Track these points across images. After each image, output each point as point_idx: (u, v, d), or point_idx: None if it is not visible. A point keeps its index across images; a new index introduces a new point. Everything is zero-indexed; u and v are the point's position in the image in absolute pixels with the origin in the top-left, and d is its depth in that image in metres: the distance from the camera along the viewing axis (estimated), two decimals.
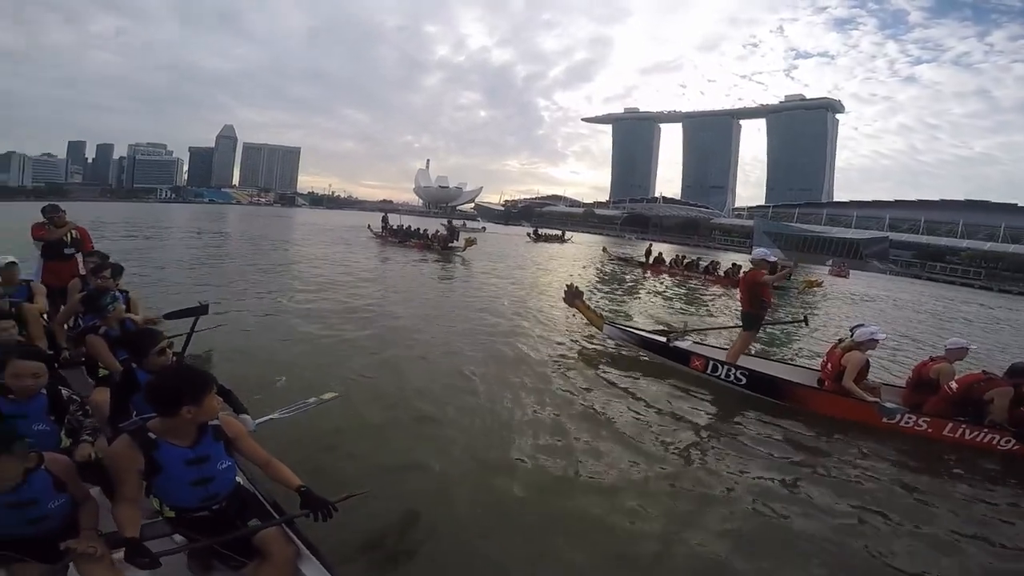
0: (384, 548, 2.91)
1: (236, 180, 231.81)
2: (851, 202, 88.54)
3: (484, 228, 42.99)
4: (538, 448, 4.21)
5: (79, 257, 5.63)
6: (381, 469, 3.63)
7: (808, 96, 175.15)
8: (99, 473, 2.43)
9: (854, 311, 16.88)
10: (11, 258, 4.67)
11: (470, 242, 22.69)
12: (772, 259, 6.71)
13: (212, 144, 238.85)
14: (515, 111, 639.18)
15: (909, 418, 5.05)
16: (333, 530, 2.35)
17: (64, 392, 2.67)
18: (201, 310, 5.11)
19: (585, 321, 7.56)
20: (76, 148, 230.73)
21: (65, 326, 4.67)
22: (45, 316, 4.50)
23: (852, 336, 5.47)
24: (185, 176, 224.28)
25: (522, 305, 10.84)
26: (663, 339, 6.68)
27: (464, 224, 48.15)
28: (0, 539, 1.98)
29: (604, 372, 6.38)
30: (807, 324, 8.67)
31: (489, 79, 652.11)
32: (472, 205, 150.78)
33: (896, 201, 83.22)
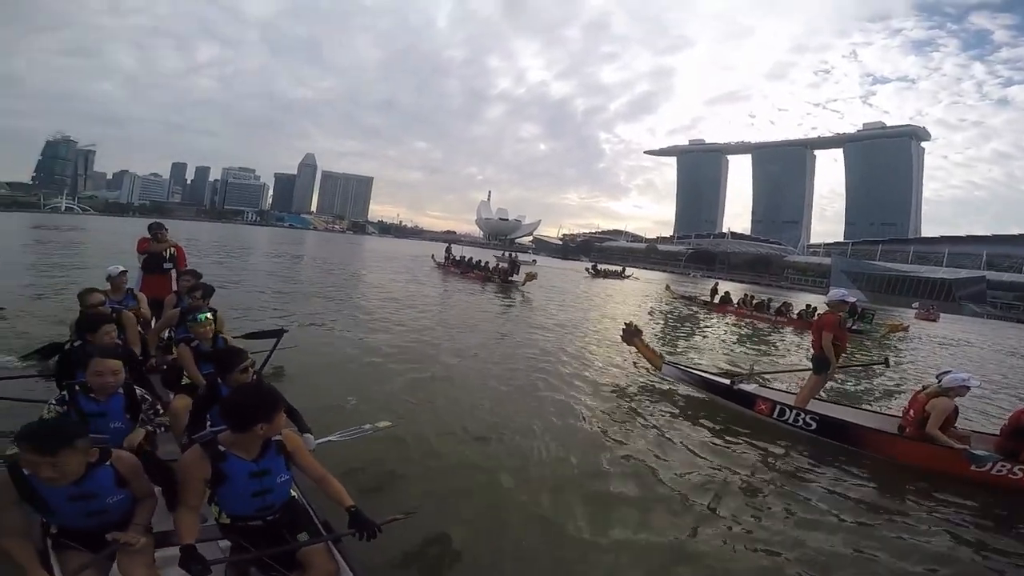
0: (421, 571, 2.93)
1: (314, 206, 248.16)
2: (942, 237, 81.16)
3: (535, 261, 43.51)
4: (588, 491, 4.10)
5: (173, 273, 6.11)
6: (428, 494, 3.67)
7: (889, 123, 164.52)
8: (161, 474, 2.57)
9: (943, 356, 15.44)
10: (122, 268, 5.18)
11: (530, 276, 22.41)
12: (851, 300, 6.34)
13: (295, 171, 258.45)
14: (575, 144, 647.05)
15: (1003, 466, 4.55)
16: (376, 552, 2.41)
17: (139, 392, 2.83)
18: (279, 333, 5.51)
19: (644, 360, 7.33)
20: (178, 169, 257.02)
21: (159, 337, 5.17)
22: (140, 324, 4.86)
23: (939, 383, 5.06)
24: (269, 200, 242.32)
25: (581, 342, 10.75)
26: (727, 381, 6.42)
27: (515, 256, 47.95)
28: (61, 528, 2.08)
29: (661, 413, 6.18)
30: (888, 365, 8.08)
31: (549, 111, 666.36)
32: (530, 238, 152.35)
33: (994, 236, 75.31)
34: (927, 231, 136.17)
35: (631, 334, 7.08)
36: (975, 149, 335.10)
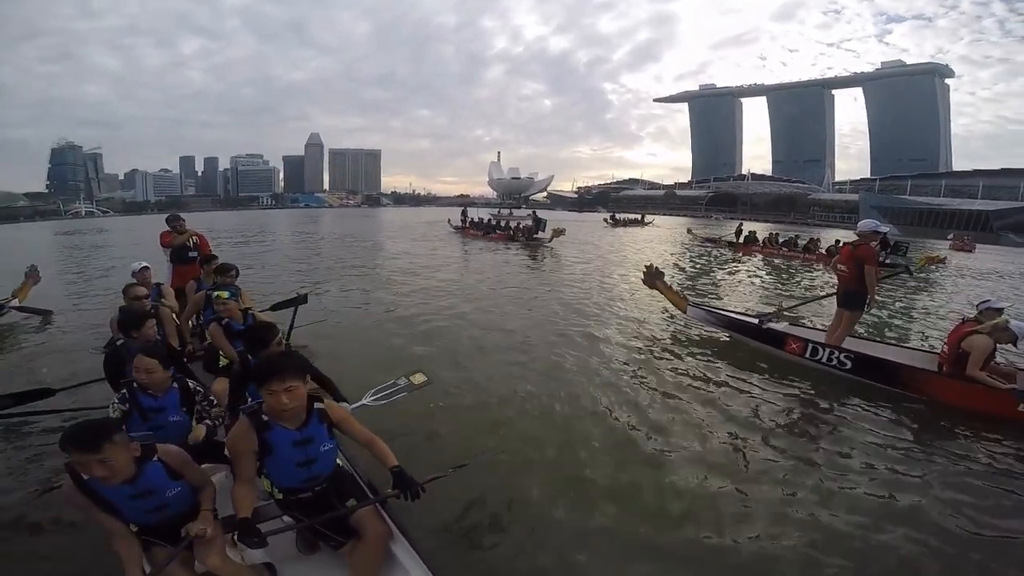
0: (463, 530, 2.98)
1: (326, 184, 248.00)
2: (975, 171, 76.85)
3: (533, 212, 43.37)
4: (616, 435, 4.15)
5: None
6: (466, 453, 3.60)
7: (909, 61, 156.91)
8: (222, 455, 2.71)
9: (982, 288, 14.85)
10: (144, 263, 5.35)
11: (557, 232, 21.15)
12: (884, 230, 6.02)
13: (302, 152, 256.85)
14: (580, 97, 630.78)
15: None
16: (424, 513, 2.48)
17: (191, 384, 2.95)
18: (301, 300, 5.56)
19: (668, 303, 7.20)
20: (187, 162, 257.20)
21: (190, 323, 5.26)
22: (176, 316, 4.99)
23: (978, 312, 4.86)
24: (281, 183, 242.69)
25: (607, 291, 10.66)
26: (755, 320, 6.26)
27: (511, 212, 45.10)
28: (139, 527, 2.14)
29: (689, 358, 6.11)
30: (911, 273, 7.81)
31: (550, 68, 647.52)
32: (544, 194, 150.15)
33: None
34: (959, 165, 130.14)
35: (653, 276, 6.91)
36: (1004, 84, 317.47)
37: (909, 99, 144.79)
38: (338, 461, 2.52)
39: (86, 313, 8.36)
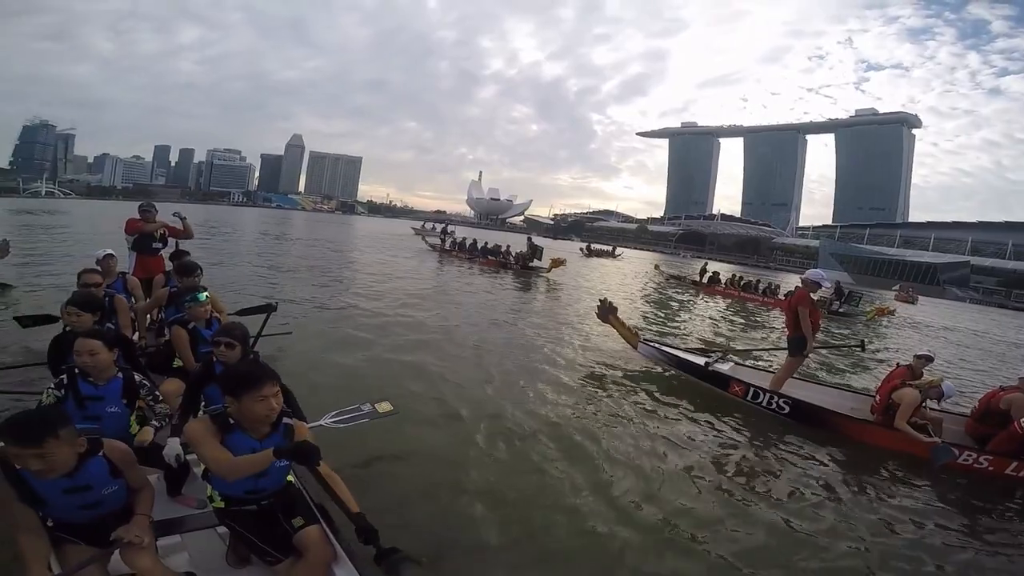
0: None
1: (302, 186, 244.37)
2: (928, 223, 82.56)
3: (530, 238, 43.29)
4: (553, 483, 4.02)
5: (164, 254, 6.10)
6: (423, 492, 3.55)
7: (881, 110, 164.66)
8: (161, 459, 2.62)
9: (924, 341, 15.73)
10: (109, 250, 5.05)
11: (557, 262, 18.99)
12: (827, 284, 6.41)
13: (282, 152, 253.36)
14: (567, 125, 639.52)
15: (969, 455, 4.76)
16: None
17: (137, 377, 2.81)
18: (270, 308, 5.45)
19: (620, 338, 7.28)
20: (161, 152, 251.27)
21: (148, 317, 5.11)
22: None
23: (914, 360, 5.36)
24: (256, 181, 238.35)
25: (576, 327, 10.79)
26: (701, 361, 6.50)
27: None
28: (57, 522, 2.03)
29: (636, 395, 6.20)
30: (863, 348, 8.18)
31: (541, 92, 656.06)
32: (522, 218, 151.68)
33: (980, 223, 77.07)
34: (914, 216, 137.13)
35: (606, 311, 7.03)
36: (965, 137, 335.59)
37: (876, 147, 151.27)
38: (289, 478, 2.45)
39: (38, 295, 7.98)
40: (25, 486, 1.89)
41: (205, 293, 3.88)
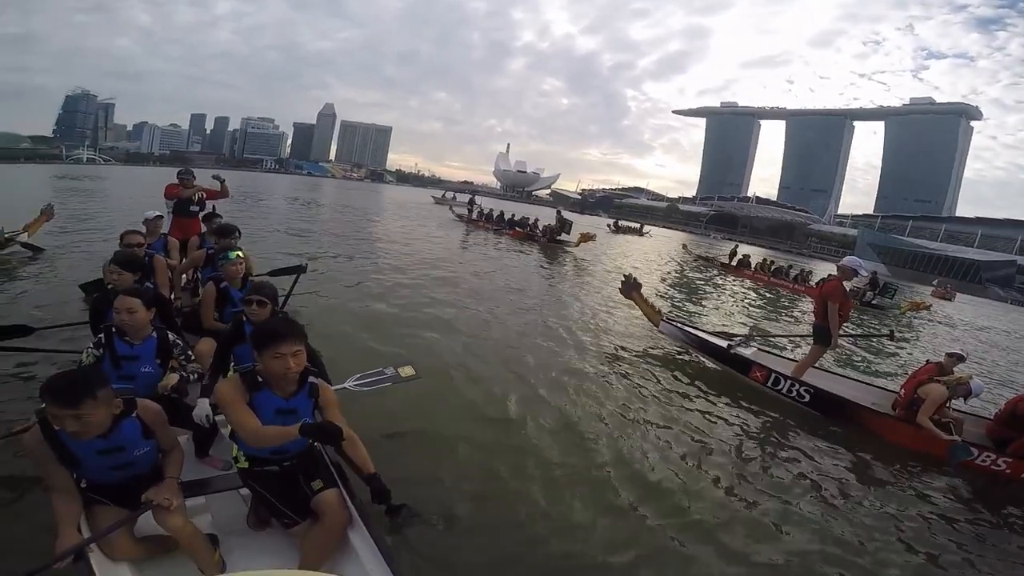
0: (429, 527, 2.86)
1: (332, 155, 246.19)
2: (977, 219, 77.93)
3: (559, 211, 42.06)
4: (564, 451, 4.05)
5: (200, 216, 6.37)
6: (443, 457, 3.58)
7: (938, 100, 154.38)
8: (189, 420, 2.69)
9: (959, 339, 15.15)
10: (157, 212, 5.39)
11: (586, 237, 18.70)
12: (864, 272, 6.17)
13: (314, 121, 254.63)
14: (599, 100, 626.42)
15: (987, 456, 4.61)
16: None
17: (171, 336, 2.87)
18: (301, 269, 5.58)
19: (642, 315, 7.21)
20: (197, 120, 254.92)
21: (184, 277, 5.29)
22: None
23: (944, 359, 5.15)
24: (288, 149, 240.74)
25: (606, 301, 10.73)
26: (724, 343, 6.39)
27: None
28: (90, 483, 2.07)
29: (655, 375, 6.15)
30: (892, 338, 7.94)
31: (573, 66, 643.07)
32: (548, 191, 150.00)
33: None
34: (962, 211, 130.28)
35: (630, 287, 6.99)
36: None
37: (929, 138, 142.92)
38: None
39: (76, 256, 8.34)
40: (63, 447, 1.92)
41: (237, 252, 3.94)
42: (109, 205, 18.01)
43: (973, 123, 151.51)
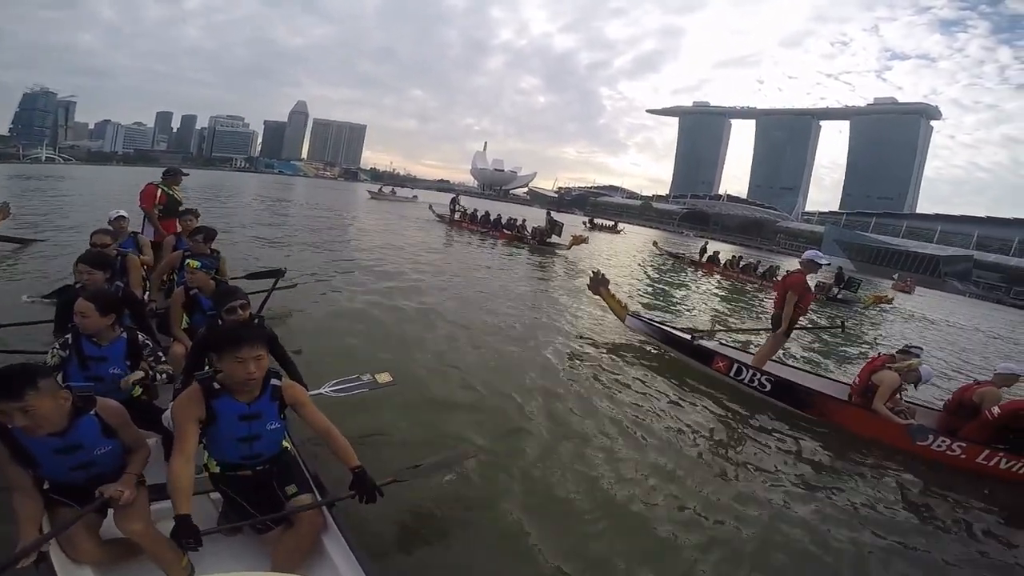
0: (410, 537, 2.86)
1: (304, 153, 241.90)
2: (936, 215, 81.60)
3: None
4: (546, 452, 4.07)
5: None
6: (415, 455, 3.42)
7: (901, 99, 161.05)
8: (156, 422, 2.63)
9: (916, 331, 15.74)
10: (122, 212, 5.18)
11: (578, 239, 18.53)
12: (823, 262, 6.29)
13: (285, 119, 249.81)
14: (576, 98, 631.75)
15: (942, 442, 4.77)
16: (368, 510, 2.34)
17: (141, 338, 2.79)
18: (279, 273, 5.46)
19: (609, 310, 7.33)
20: (163, 118, 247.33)
21: (163, 279, 5.09)
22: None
23: (898, 352, 5.27)
24: (259, 148, 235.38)
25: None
26: (688, 336, 6.54)
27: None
28: (52, 483, 2.01)
29: (622, 366, 6.27)
30: (843, 330, 8.19)
31: (550, 65, 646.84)
32: (525, 190, 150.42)
33: (988, 218, 75.92)
34: (923, 208, 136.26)
35: (598, 283, 7.14)
36: (984, 131, 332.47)
37: (892, 137, 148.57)
38: (285, 444, 2.41)
39: (40, 259, 8.02)
40: (17, 445, 1.88)
41: (198, 262, 3.84)
42: (69, 203, 17.29)
43: (933, 123, 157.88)
